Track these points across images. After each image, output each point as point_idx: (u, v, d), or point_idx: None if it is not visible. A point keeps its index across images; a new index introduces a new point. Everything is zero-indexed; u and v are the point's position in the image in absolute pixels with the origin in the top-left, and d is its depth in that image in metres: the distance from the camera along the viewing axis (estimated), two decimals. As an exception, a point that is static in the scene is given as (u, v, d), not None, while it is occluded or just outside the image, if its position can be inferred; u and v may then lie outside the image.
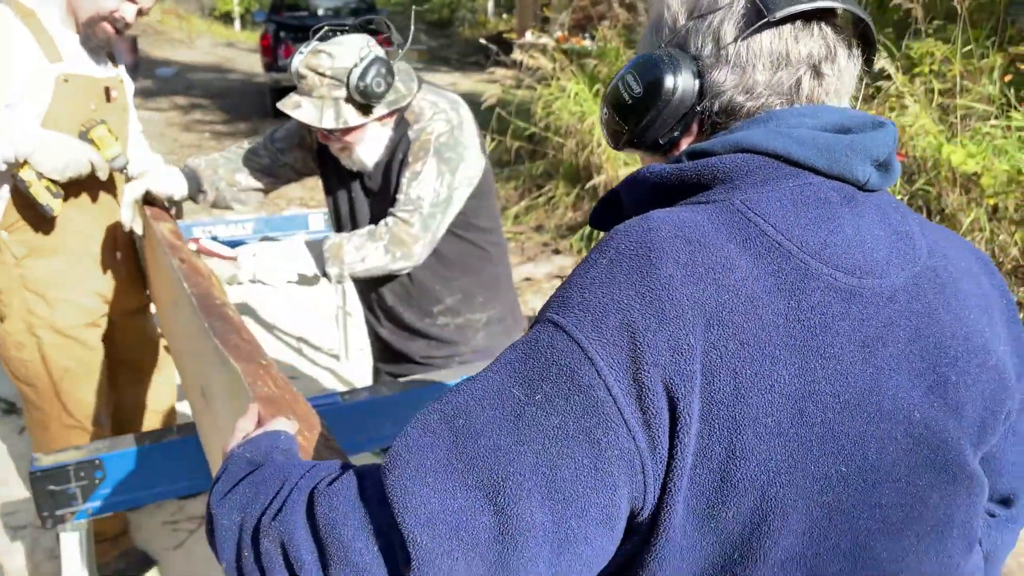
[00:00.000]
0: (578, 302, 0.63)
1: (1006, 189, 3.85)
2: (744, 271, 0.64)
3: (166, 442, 1.55)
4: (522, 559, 0.58)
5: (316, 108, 1.83)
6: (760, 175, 0.69)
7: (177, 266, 1.63)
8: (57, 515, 1.46)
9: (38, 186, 1.88)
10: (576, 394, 0.60)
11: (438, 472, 0.59)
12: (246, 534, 0.67)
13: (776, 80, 0.73)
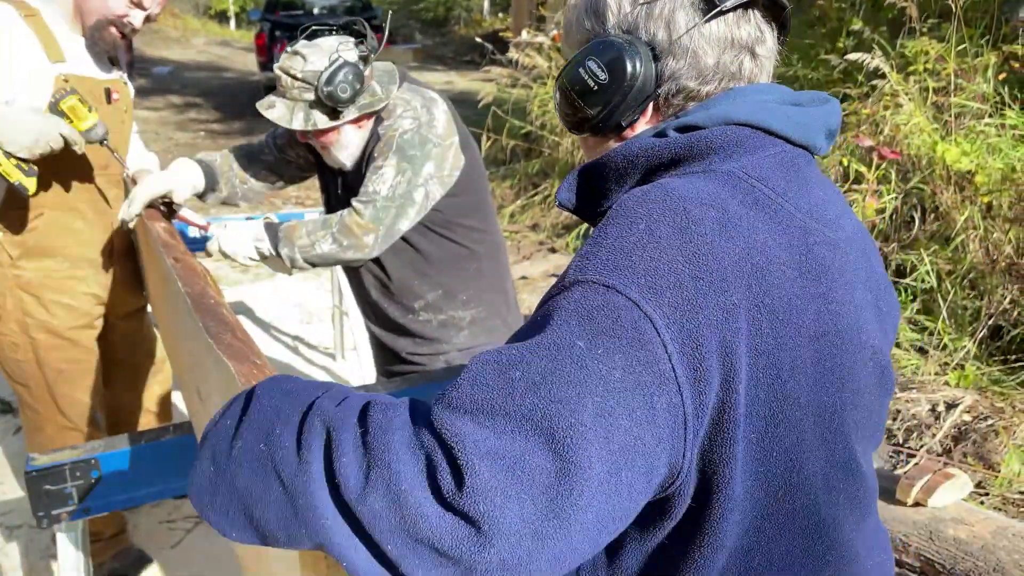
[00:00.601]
0: (626, 265, 0.65)
1: (1000, 187, 3.86)
2: (764, 231, 0.71)
3: (162, 441, 1.55)
4: (575, 506, 0.59)
5: (288, 109, 1.88)
6: (748, 144, 0.77)
7: (171, 265, 1.62)
8: (53, 515, 1.46)
9: (7, 165, 1.78)
10: (637, 350, 0.62)
11: (496, 417, 0.60)
12: (287, 417, 0.67)
13: (723, 63, 0.81)
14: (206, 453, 0.70)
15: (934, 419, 3.14)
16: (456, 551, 0.58)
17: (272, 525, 0.64)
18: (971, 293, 3.79)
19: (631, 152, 0.78)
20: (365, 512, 0.60)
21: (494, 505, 0.57)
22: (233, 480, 0.66)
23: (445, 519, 0.58)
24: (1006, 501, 2.70)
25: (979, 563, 2.09)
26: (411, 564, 0.60)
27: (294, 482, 0.63)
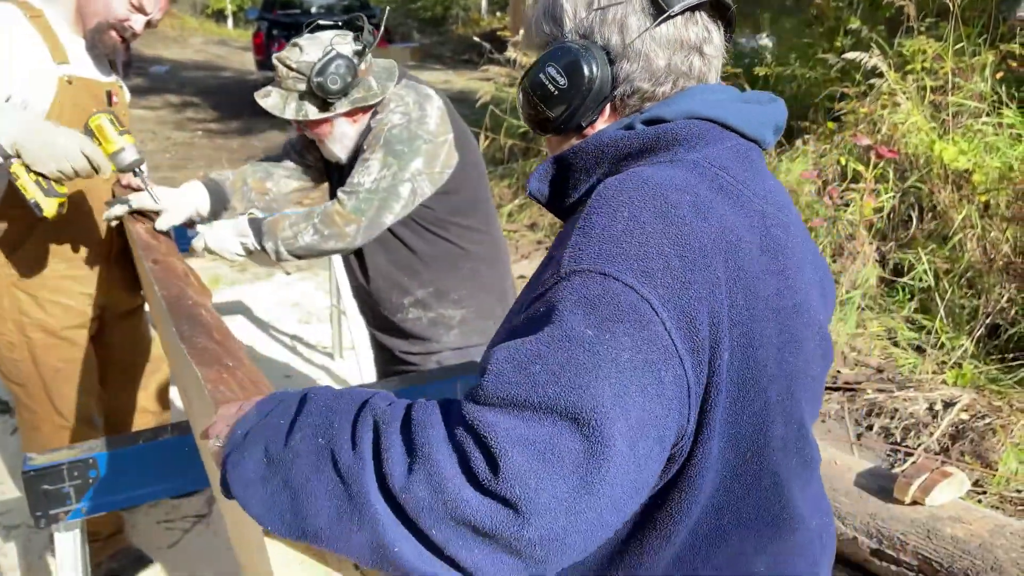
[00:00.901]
0: (618, 252, 0.70)
1: (997, 186, 3.86)
2: (730, 214, 0.78)
3: (160, 441, 1.55)
4: (603, 481, 0.64)
5: (282, 99, 1.88)
6: (709, 137, 0.83)
7: (150, 268, 1.62)
8: (51, 514, 1.46)
9: (26, 179, 1.66)
10: (640, 331, 0.68)
11: (523, 409, 0.65)
12: (343, 413, 0.71)
13: (673, 64, 0.86)
14: (256, 447, 0.72)
15: (932, 418, 3.14)
16: (497, 531, 0.63)
17: (322, 518, 0.67)
18: (969, 292, 3.79)
19: (602, 143, 0.84)
20: (410, 500, 0.64)
21: (529, 487, 0.62)
22: (288, 471, 0.69)
23: (484, 503, 0.63)
24: (1003, 500, 2.71)
25: (977, 561, 2.09)
26: (456, 546, 0.64)
27: (350, 472, 0.67)
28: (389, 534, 0.65)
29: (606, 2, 0.85)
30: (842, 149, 4.53)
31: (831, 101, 5.05)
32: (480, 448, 0.64)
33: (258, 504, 0.70)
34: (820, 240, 4.15)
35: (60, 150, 1.64)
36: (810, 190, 4.39)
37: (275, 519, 0.70)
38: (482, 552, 0.64)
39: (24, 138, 1.62)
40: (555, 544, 0.64)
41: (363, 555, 0.67)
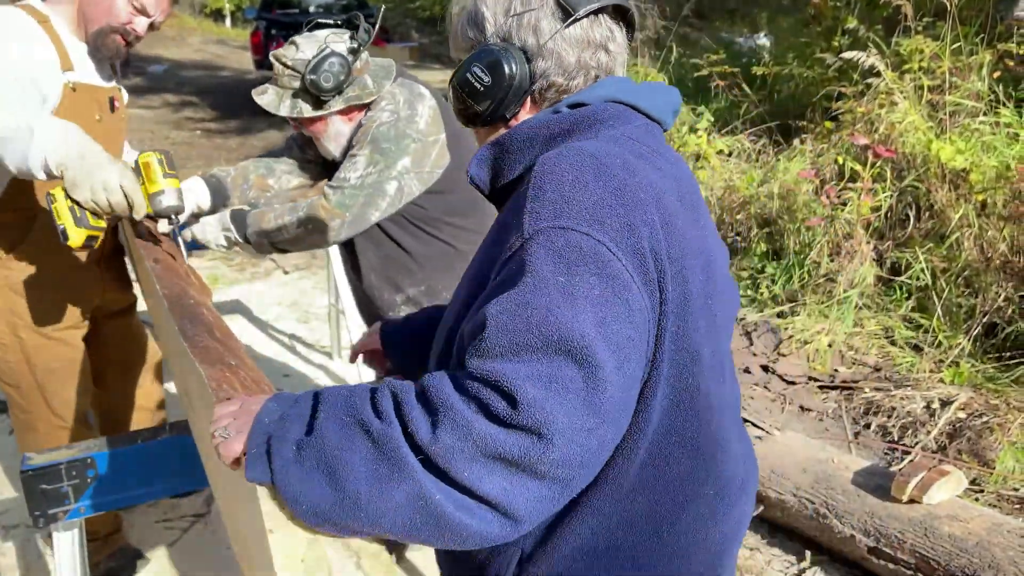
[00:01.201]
0: (571, 209, 0.82)
1: (994, 185, 3.87)
2: (652, 173, 0.91)
3: (159, 440, 1.55)
4: (603, 399, 0.76)
5: (277, 96, 1.89)
6: (623, 117, 0.97)
7: (151, 267, 1.62)
8: (49, 514, 1.46)
9: (62, 203, 1.56)
10: (603, 269, 0.80)
11: (522, 351, 0.75)
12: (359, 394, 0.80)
13: (583, 60, 0.98)
14: (286, 441, 0.77)
15: (929, 416, 3.15)
16: (526, 458, 0.73)
17: (361, 481, 0.73)
18: (966, 291, 3.80)
19: (535, 125, 0.96)
20: (440, 450, 0.72)
21: (547, 413, 0.72)
22: (321, 450, 0.75)
23: (511, 435, 0.73)
24: (1001, 498, 2.71)
25: (974, 560, 2.10)
26: (488, 482, 0.73)
27: (381, 435, 0.74)
28: (427, 484, 0.72)
29: (521, 8, 0.96)
30: (839, 148, 4.54)
31: (828, 100, 5.06)
32: (495, 392, 0.74)
33: (296, 483, 0.75)
34: (818, 239, 4.16)
35: (99, 180, 1.55)
36: (808, 189, 4.39)
37: (314, 494, 0.74)
38: (511, 482, 0.73)
39: (69, 161, 1.55)
40: (575, 463, 0.75)
41: (403, 513, 0.73)
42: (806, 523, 2.48)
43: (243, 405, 0.86)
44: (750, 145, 5.33)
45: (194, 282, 1.64)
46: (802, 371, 3.67)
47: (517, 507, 0.74)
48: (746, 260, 4.52)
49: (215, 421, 0.85)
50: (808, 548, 2.50)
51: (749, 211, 4.68)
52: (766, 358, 3.82)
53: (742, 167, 5.11)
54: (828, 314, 3.92)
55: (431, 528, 0.74)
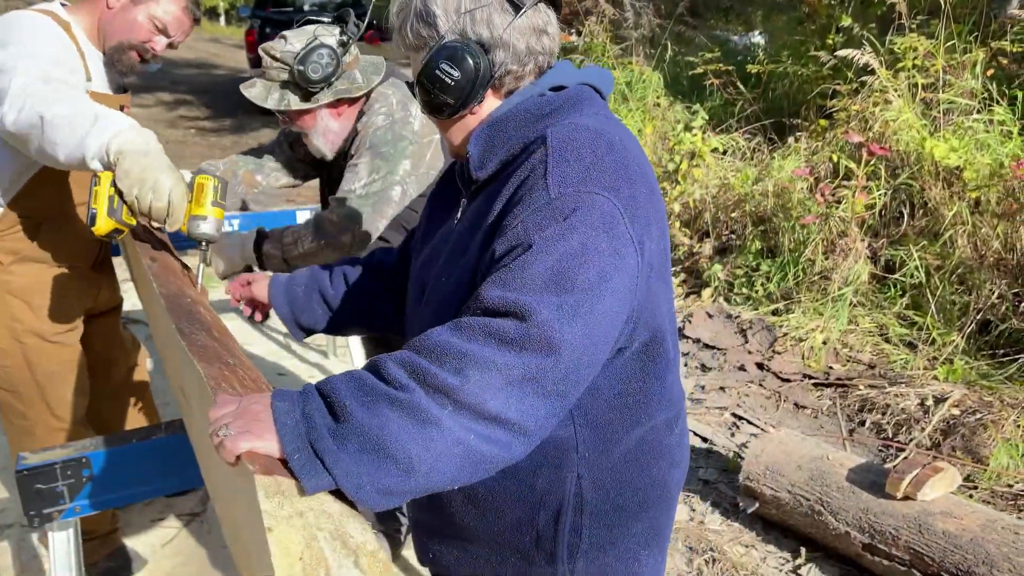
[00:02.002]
0: (596, 178, 0.96)
1: (988, 183, 3.88)
2: (632, 146, 1.06)
3: (154, 440, 1.54)
4: (599, 329, 0.90)
5: (265, 89, 1.87)
6: (595, 97, 1.11)
7: (148, 266, 1.61)
8: (44, 513, 1.46)
9: (103, 189, 1.51)
10: (614, 230, 0.93)
11: (536, 287, 0.88)
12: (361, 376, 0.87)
13: (530, 45, 1.07)
14: (324, 438, 0.82)
15: (923, 413, 3.16)
16: (542, 372, 0.86)
17: (409, 446, 0.81)
18: (959, 288, 3.81)
19: (527, 107, 1.07)
20: (472, 391, 0.83)
21: (555, 330, 0.86)
22: (360, 432, 0.81)
23: (523, 357, 0.85)
24: (995, 495, 2.73)
25: (968, 556, 2.11)
26: (513, 406, 0.85)
27: (409, 403, 0.82)
28: (458, 431, 0.83)
29: (472, 5, 1.04)
30: (834, 146, 4.55)
31: (823, 99, 5.07)
32: (509, 317, 0.87)
33: (353, 471, 0.80)
34: (812, 237, 4.17)
35: (152, 179, 1.50)
36: (802, 187, 4.40)
37: (375, 473, 0.81)
38: (526, 403, 0.86)
39: (132, 150, 1.50)
40: (574, 376, 0.89)
41: (449, 461, 0.83)
42: (801, 520, 2.49)
43: (242, 404, 0.86)
44: (745, 143, 5.34)
45: (189, 281, 1.64)
46: (797, 369, 3.68)
47: (530, 424, 0.87)
48: (741, 258, 4.53)
49: (215, 420, 0.85)
50: (803, 545, 2.51)
51: (744, 209, 4.69)
52: (761, 356, 3.83)
53: (737, 165, 5.12)
54: (823, 312, 3.93)
55: (472, 465, 0.85)
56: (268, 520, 0.73)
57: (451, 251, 1.12)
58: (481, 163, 1.08)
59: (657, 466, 1.17)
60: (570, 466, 1.09)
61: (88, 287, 2.19)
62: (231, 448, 0.81)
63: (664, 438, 1.17)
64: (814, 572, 2.42)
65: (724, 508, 2.75)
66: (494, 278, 0.92)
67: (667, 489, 1.20)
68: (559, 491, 1.09)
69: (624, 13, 6.92)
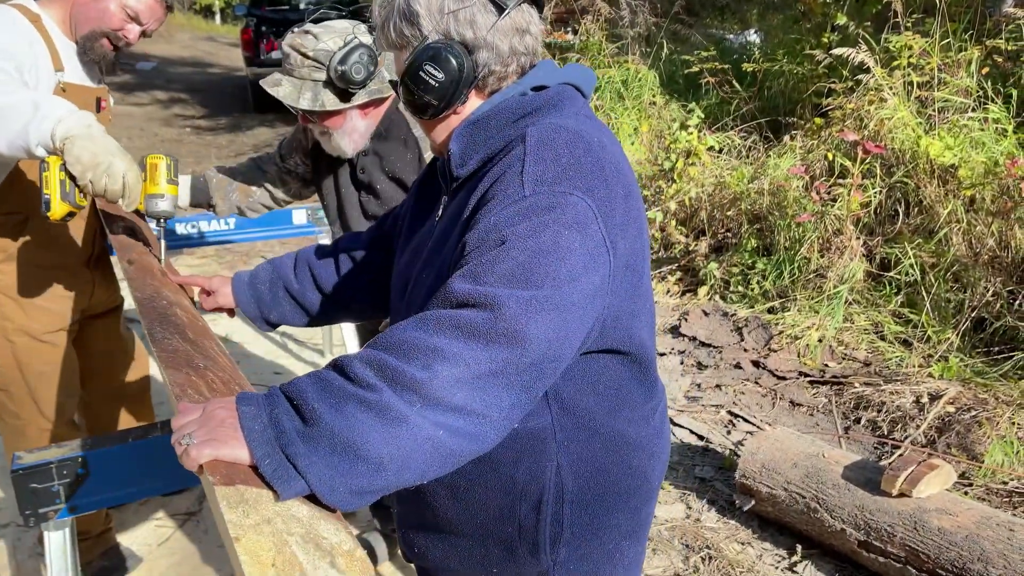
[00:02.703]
0: (572, 178, 0.96)
1: (983, 181, 3.89)
2: (613, 147, 1.07)
3: (149, 439, 1.54)
4: (568, 325, 0.91)
5: (295, 88, 1.80)
6: (576, 97, 1.11)
7: (125, 269, 1.59)
8: (40, 513, 1.46)
9: (53, 173, 1.55)
10: (587, 230, 0.94)
11: (507, 281, 0.88)
12: (327, 377, 0.86)
13: (513, 45, 1.07)
14: (294, 442, 0.81)
15: (918, 411, 3.17)
16: (508, 365, 0.86)
17: (379, 446, 0.81)
18: (954, 286, 3.82)
19: (509, 106, 1.07)
20: (440, 386, 0.83)
21: (522, 324, 0.87)
22: (330, 434, 0.81)
23: (490, 350, 0.86)
24: (990, 491, 2.74)
25: (963, 553, 2.12)
26: (478, 398, 0.85)
27: (377, 403, 0.82)
28: (427, 427, 0.83)
29: (456, 6, 1.04)
30: (829, 145, 4.55)
31: (818, 97, 5.08)
32: (478, 309, 0.87)
33: (326, 473, 0.80)
34: (808, 235, 4.17)
35: (104, 163, 1.52)
36: (797, 185, 4.41)
37: (346, 475, 0.80)
38: (491, 395, 0.86)
39: (78, 134, 1.51)
40: (539, 370, 0.89)
41: (418, 457, 0.83)
42: (797, 517, 2.49)
43: (207, 410, 0.85)
44: (740, 142, 5.35)
45: (169, 281, 1.62)
46: (793, 366, 3.68)
47: (496, 414, 0.87)
48: (737, 256, 4.54)
49: (178, 429, 0.84)
50: (799, 542, 2.52)
51: (740, 207, 4.69)
52: (757, 354, 3.83)
53: (732, 164, 5.13)
54: (818, 309, 3.93)
55: (441, 459, 0.85)
56: (234, 530, 0.72)
57: (432, 248, 1.12)
58: (462, 161, 1.09)
59: (636, 456, 1.17)
60: (549, 455, 1.10)
61: (82, 285, 2.18)
62: (195, 457, 0.80)
63: (642, 429, 1.18)
64: (810, 569, 2.43)
65: (720, 506, 2.75)
66: (464, 271, 0.92)
67: (647, 480, 1.21)
68: (539, 481, 1.10)
69: (620, 11, 6.92)
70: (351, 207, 2.04)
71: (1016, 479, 2.76)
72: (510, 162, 1.00)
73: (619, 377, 1.12)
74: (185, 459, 0.81)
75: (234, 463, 0.80)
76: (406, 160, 1.97)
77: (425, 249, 1.15)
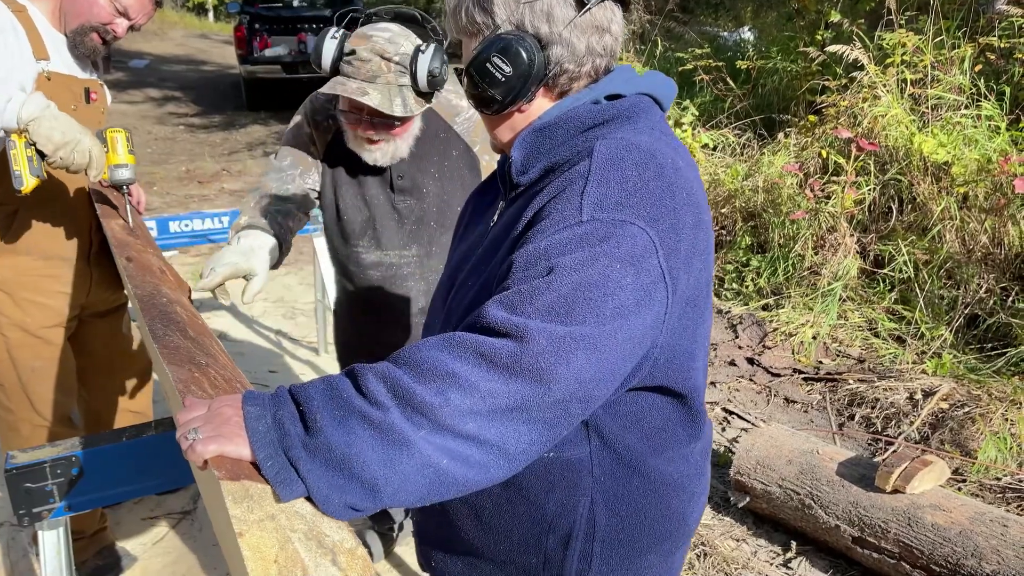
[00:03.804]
0: (636, 205, 0.89)
1: (976, 178, 3.90)
2: (687, 169, 0.99)
3: (144, 438, 1.54)
4: (603, 365, 0.85)
5: (384, 96, 1.73)
6: (652, 109, 1.03)
7: (124, 266, 1.60)
8: (34, 513, 1.45)
9: (21, 151, 1.72)
10: (643, 263, 0.87)
11: (544, 313, 0.83)
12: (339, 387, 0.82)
13: (590, 45, 1.00)
14: (296, 447, 0.79)
15: (912, 407, 3.18)
16: (529, 402, 0.81)
17: (375, 467, 0.78)
18: (948, 283, 3.84)
19: (579, 114, 1.00)
20: (451, 413, 0.79)
21: (549, 360, 0.81)
22: (327, 447, 0.78)
23: (511, 384, 0.81)
24: (983, 487, 2.75)
25: (957, 548, 2.12)
26: (494, 430, 0.81)
27: (380, 423, 0.78)
28: (431, 454, 0.79)
29: None
30: (823, 142, 4.56)
31: (812, 94, 5.08)
32: (506, 338, 0.82)
33: (323, 484, 0.78)
34: (802, 232, 4.18)
35: (72, 139, 1.72)
36: (792, 183, 4.42)
37: (341, 490, 0.78)
38: (509, 428, 0.81)
39: (44, 116, 1.69)
40: (564, 410, 0.84)
41: (416, 483, 0.80)
42: (791, 514, 2.50)
43: (212, 407, 0.85)
44: (735, 139, 5.36)
45: (169, 279, 1.62)
46: (787, 363, 3.69)
47: (512, 448, 0.82)
48: (731, 253, 4.54)
49: (184, 424, 0.83)
50: (794, 538, 2.53)
51: (734, 205, 4.70)
52: (751, 351, 3.84)
53: (727, 161, 5.13)
54: (812, 306, 3.94)
55: (441, 487, 0.81)
56: (238, 525, 0.72)
57: (481, 255, 1.08)
58: (523, 168, 1.03)
59: (676, 498, 1.11)
60: (583, 489, 1.04)
61: (79, 281, 2.16)
62: (200, 452, 0.79)
63: (684, 468, 1.11)
64: (804, 565, 2.44)
65: (715, 502, 2.76)
66: (503, 297, 0.86)
67: (684, 523, 1.14)
68: (570, 514, 1.05)
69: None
70: (384, 216, 1.98)
71: (1009, 475, 2.77)
72: (572, 178, 0.94)
73: (666, 417, 1.06)
74: (190, 454, 0.80)
75: (239, 460, 0.80)
76: (451, 158, 1.95)
77: (474, 254, 1.10)
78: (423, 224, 1.98)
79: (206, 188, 7.38)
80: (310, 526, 0.76)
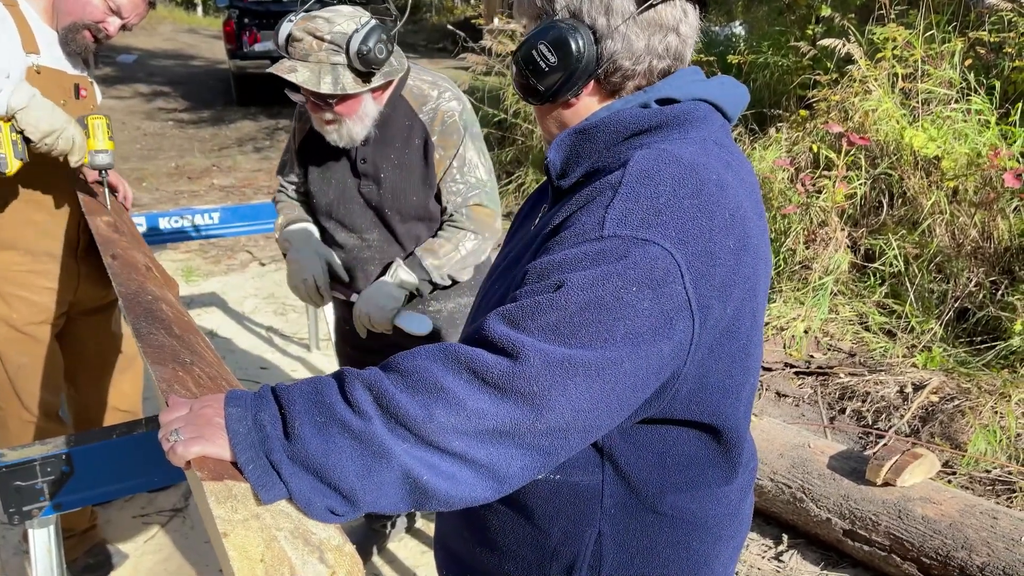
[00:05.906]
0: (664, 225, 0.82)
1: (966, 172, 3.92)
2: (736, 186, 0.90)
3: (135, 436, 1.53)
4: (611, 399, 0.79)
5: (313, 73, 1.75)
6: (710, 118, 0.94)
7: (108, 264, 1.59)
8: (24, 511, 1.44)
9: (6, 135, 1.76)
10: (664, 288, 0.80)
11: (548, 332, 0.78)
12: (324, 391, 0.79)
13: (651, 45, 0.93)
14: (276, 451, 0.77)
15: (902, 400, 3.20)
16: (515, 427, 0.76)
17: (353, 477, 0.75)
18: (938, 276, 3.85)
19: (623, 119, 0.92)
20: (435, 429, 0.75)
21: (542, 385, 0.76)
22: (305, 455, 0.76)
23: (502, 406, 0.76)
24: (973, 480, 2.77)
25: (947, 540, 2.14)
26: (481, 450, 0.76)
27: (362, 432, 0.76)
28: (413, 466, 0.76)
29: None
30: (814, 136, 4.58)
31: (803, 89, 5.09)
32: (501, 355, 0.77)
33: (306, 489, 0.76)
34: (793, 227, 4.19)
35: (59, 125, 1.80)
36: (783, 177, 4.43)
37: (320, 498, 0.76)
38: (499, 450, 0.77)
39: (32, 104, 1.75)
40: (560, 437, 0.78)
41: (395, 493, 0.77)
42: (783, 507, 2.51)
43: (194, 408, 0.84)
44: (726, 133, 5.35)
45: (155, 276, 1.61)
46: (778, 357, 3.71)
47: (502, 471, 0.78)
48: (723, 248, 4.55)
49: (166, 424, 0.83)
50: (785, 532, 2.54)
51: (725, 199, 4.70)
52: (743, 345, 3.85)
53: (718, 155, 5.13)
54: (804, 301, 3.96)
55: (420, 498, 0.78)
56: (222, 525, 0.71)
57: (514, 258, 1.02)
58: (562, 172, 0.97)
59: (698, 538, 1.01)
60: (591, 519, 0.98)
61: (66, 277, 2.15)
62: (181, 453, 0.78)
63: (713, 508, 1.02)
64: (796, 559, 2.45)
65: (707, 496, 2.77)
66: (506, 309, 0.81)
67: (707, 565, 1.04)
68: (575, 544, 0.99)
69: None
70: (349, 199, 2.01)
71: (999, 467, 2.79)
72: (602, 188, 0.87)
73: (694, 455, 0.97)
74: (172, 455, 0.80)
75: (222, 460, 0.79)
76: (412, 147, 1.94)
77: (509, 257, 1.05)
78: (382, 210, 1.99)
79: (196, 184, 7.34)
80: (296, 524, 0.75)
